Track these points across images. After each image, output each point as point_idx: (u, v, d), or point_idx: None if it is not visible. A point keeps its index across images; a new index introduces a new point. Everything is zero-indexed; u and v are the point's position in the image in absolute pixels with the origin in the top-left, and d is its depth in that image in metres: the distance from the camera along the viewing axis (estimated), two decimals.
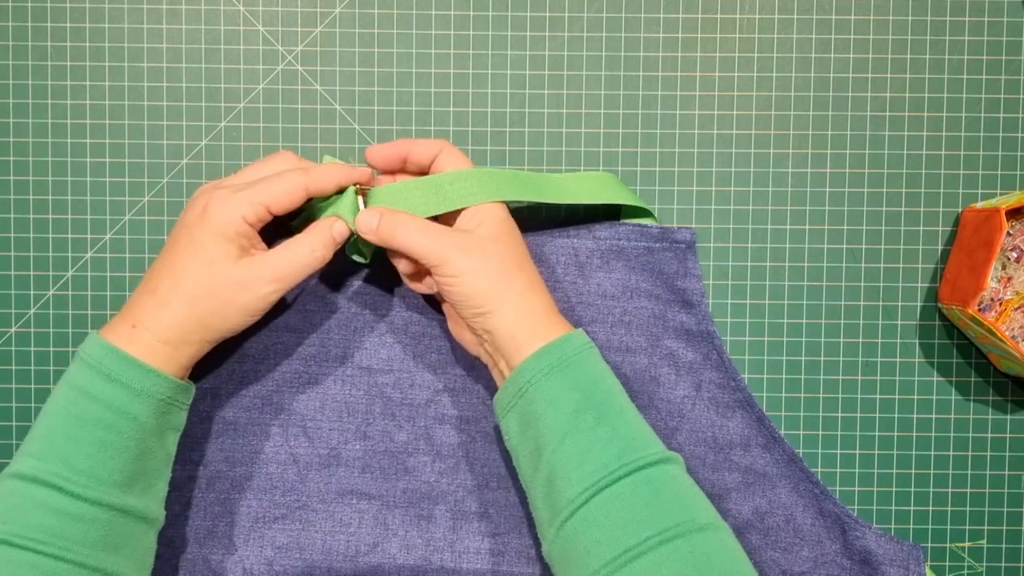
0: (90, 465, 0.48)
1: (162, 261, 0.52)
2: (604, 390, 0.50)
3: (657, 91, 0.61)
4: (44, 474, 0.47)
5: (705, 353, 0.59)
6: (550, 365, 0.50)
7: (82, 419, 0.49)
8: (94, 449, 0.48)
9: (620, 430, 0.49)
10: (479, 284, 0.51)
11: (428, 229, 0.52)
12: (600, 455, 0.48)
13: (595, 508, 0.48)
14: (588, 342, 0.52)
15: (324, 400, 0.59)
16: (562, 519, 0.49)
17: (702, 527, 0.47)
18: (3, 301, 0.61)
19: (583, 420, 0.49)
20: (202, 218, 0.51)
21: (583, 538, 0.48)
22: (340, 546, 0.59)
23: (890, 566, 0.58)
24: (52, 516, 0.47)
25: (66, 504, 0.47)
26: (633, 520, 0.47)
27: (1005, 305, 0.59)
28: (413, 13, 0.61)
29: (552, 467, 0.49)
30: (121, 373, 0.49)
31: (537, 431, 0.50)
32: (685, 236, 0.59)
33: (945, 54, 0.61)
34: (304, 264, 0.52)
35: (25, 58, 0.61)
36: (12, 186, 0.61)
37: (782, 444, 0.59)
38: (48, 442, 0.48)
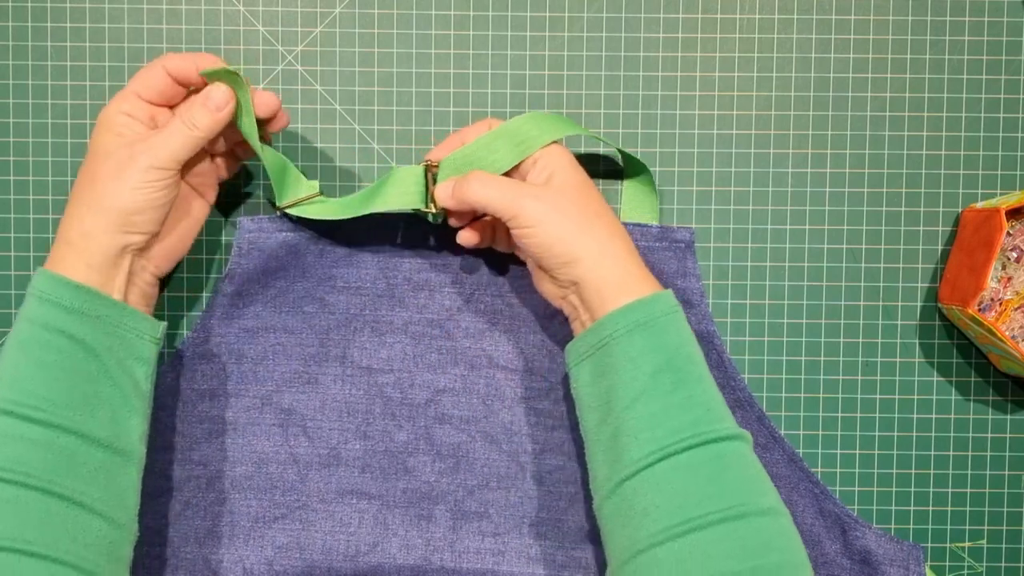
0: (36, 386, 0.47)
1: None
2: (685, 356, 0.50)
3: (657, 91, 0.61)
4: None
5: (705, 353, 0.59)
6: (636, 322, 0.49)
7: (24, 343, 0.48)
8: (38, 370, 0.48)
9: (697, 398, 0.49)
10: (557, 231, 0.51)
11: (500, 182, 0.52)
12: (673, 421, 0.48)
13: (660, 473, 0.47)
14: (676, 305, 0.51)
15: (324, 400, 0.59)
16: (623, 477, 0.48)
17: (764, 511, 0.47)
18: (3, 301, 0.61)
19: (661, 383, 0.49)
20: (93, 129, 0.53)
21: (642, 500, 0.47)
22: (340, 546, 0.59)
23: (890, 566, 0.58)
24: (8, 442, 0.46)
25: (20, 428, 0.46)
26: (697, 492, 0.47)
27: (1005, 305, 0.59)
28: (413, 13, 0.61)
29: (620, 423, 0.49)
30: (50, 292, 0.49)
31: (611, 385, 0.50)
32: (684, 236, 0.59)
33: (945, 54, 0.61)
34: (181, 136, 0.51)
35: (25, 58, 0.61)
36: (12, 186, 0.61)
37: (782, 444, 0.59)
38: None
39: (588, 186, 0.53)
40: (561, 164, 0.53)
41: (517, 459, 0.59)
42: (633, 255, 0.52)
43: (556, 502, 0.59)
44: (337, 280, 0.60)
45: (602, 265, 0.51)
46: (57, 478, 0.46)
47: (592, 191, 0.53)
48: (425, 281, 0.60)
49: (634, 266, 0.51)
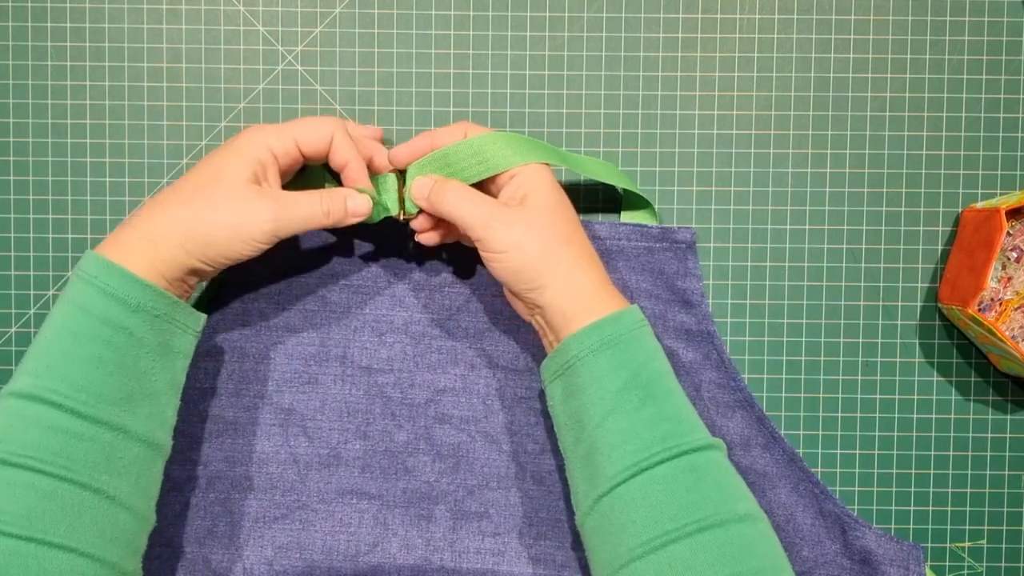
0: (88, 381, 0.47)
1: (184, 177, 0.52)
2: (652, 371, 0.50)
3: (657, 91, 0.61)
4: (42, 391, 0.46)
5: (705, 353, 0.59)
6: (600, 342, 0.50)
7: (79, 335, 0.47)
8: (92, 366, 0.47)
9: (666, 412, 0.49)
10: (523, 260, 0.51)
11: (475, 200, 0.52)
12: (643, 436, 0.48)
13: (634, 488, 0.48)
14: (641, 320, 0.51)
15: (324, 400, 0.59)
16: (599, 493, 0.49)
17: (741, 517, 0.47)
18: (3, 301, 0.61)
19: (628, 399, 0.49)
20: (229, 142, 0.51)
21: (619, 516, 0.48)
22: (340, 546, 0.59)
23: (890, 566, 0.58)
24: (51, 434, 0.46)
25: (65, 421, 0.46)
26: (672, 504, 0.47)
27: (1005, 305, 0.59)
28: (413, 13, 0.61)
29: (593, 441, 0.49)
30: (116, 287, 0.48)
31: (581, 404, 0.50)
32: (685, 236, 0.59)
33: (945, 54, 0.61)
34: (309, 215, 0.51)
35: (25, 58, 0.61)
36: (12, 186, 0.61)
37: (782, 444, 0.59)
38: (46, 359, 0.47)
39: (561, 208, 0.52)
40: (537, 185, 0.52)
41: (517, 459, 0.59)
42: (599, 276, 0.52)
43: (556, 502, 0.59)
44: (338, 279, 0.60)
45: (566, 292, 0.51)
46: (95, 472, 0.47)
47: (565, 213, 0.53)
48: (425, 281, 0.60)
49: (599, 287, 0.51)
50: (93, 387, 0.47)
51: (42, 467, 0.45)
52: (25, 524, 0.44)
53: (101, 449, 0.47)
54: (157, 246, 0.49)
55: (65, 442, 0.46)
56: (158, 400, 0.50)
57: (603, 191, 0.62)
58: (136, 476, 0.48)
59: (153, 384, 0.50)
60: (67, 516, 0.45)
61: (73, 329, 0.48)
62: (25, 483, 0.45)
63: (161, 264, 0.49)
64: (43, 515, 0.45)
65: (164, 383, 0.50)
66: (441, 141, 0.54)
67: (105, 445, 0.47)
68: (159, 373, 0.50)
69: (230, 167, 0.50)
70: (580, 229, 0.53)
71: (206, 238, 0.50)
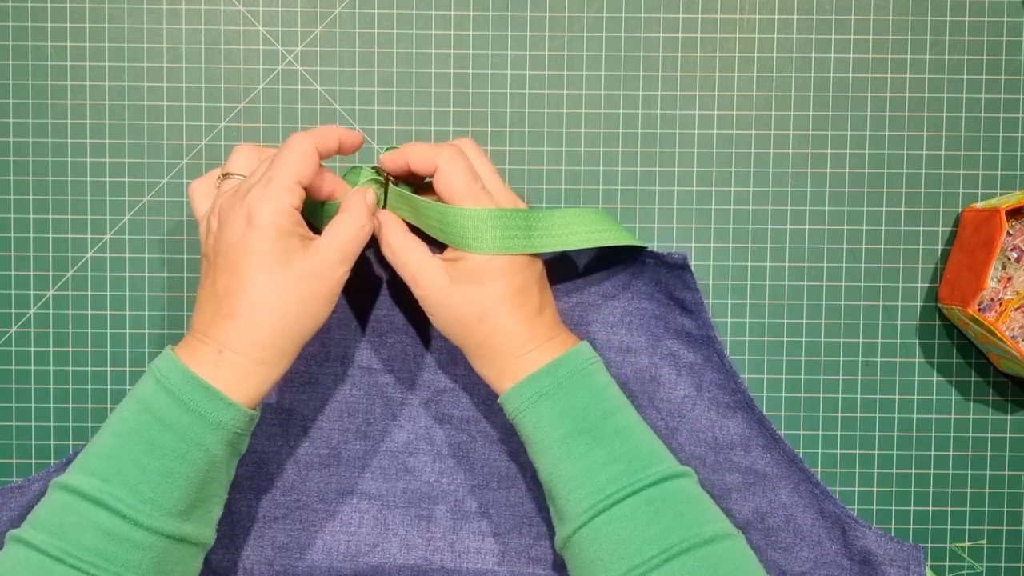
0: (156, 494, 0.46)
1: (224, 284, 0.48)
2: (598, 412, 0.50)
3: (657, 91, 0.61)
4: (108, 498, 0.46)
5: (706, 355, 0.59)
6: (537, 393, 0.50)
7: (154, 446, 0.47)
8: (162, 478, 0.46)
9: (616, 452, 0.49)
10: (438, 325, 0.52)
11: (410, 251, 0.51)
12: (596, 478, 0.49)
13: (596, 528, 0.48)
14: (584, 361, 0.51)
15: (324, 400, 0.59)
16: (566, 534, 0.49)
17: (707, 540, 0.47)
18: (3, 301, 0.61)
19: (575, 446, 0.49)
20: (251, 226, 0.47)
21: (587, 554, 0.48)
22: (340, 546, 0.59)
23: (890, 566, 0.58)
24: (109, 540, 0.45)
25: (125, 530, 0.46)
26: (636, 540, 0.47)
27: (1005, 305, 0.59)
28: (413, 13, 0.61)
29: (552, 486, 0.50)
30: (202, 405, 0.47)
31: (533, 452, 0.51)
32: (677, 260, 0.56)
33: (945, 54, 0.61)
34: (359, 238, 0.50)
35: (25, 58, 0.61)
36: (12, 186, 0.61)
37: (782, 445, 0.59)
38: (115, 464, 0.46)
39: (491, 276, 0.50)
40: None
41: (517, 459, 0.59)
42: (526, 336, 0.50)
43: None
44: None
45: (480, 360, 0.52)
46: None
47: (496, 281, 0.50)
48: None
49: (528, 346, 0.50)
50: (159, 500, 0.47)
51: (94, 571, 0.45)
52: None
53: (155, 556, 0.47)
54: (271, 366, 0.48)
55: (121, 549, 0.46)
56: (213, 503, 0.50)
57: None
58: (180, 573, 0.48)
59: (215, 490, 0.49)
60: None
61: (148, 439, 0.47)
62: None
63: (274, 375, 0.49)
64: None
65: (222, 486, 0.50)
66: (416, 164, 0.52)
67: (159, 552, 0.47)
68: (222, 479, 0.50)
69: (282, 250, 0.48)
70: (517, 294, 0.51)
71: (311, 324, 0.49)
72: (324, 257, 0.49)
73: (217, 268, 0.49)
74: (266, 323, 0.48)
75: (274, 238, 0.48)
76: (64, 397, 0.61)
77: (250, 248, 0.48)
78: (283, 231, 0.48)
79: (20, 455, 0.61)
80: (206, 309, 0.49)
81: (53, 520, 0.46)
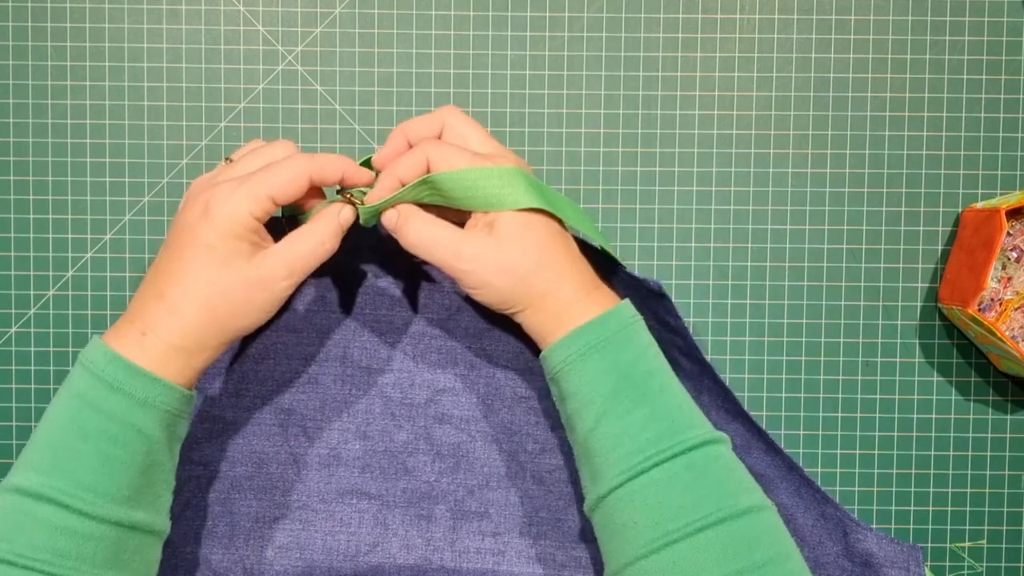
0: (96, 480, 0.46)
1: (167, 264, 0.49)
2: (643, 372, 0.49)
3: (657, 91, 0.61)
4: (48, 490, 0.45)
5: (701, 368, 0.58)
6: (586, 345, 0.49)
7: (86, 431, 0.46)
8: (99, 463, 0.46)
9: (659, 412, 0.48)
10: (495, 295, 0.51)
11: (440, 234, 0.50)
12: (637, 439, 0.48)
13: (633, 491, 0.47)
14: (631, 316, 0.50)
15: (324, 400, 0.59)
16: (599, 495, 0.49)
17: (744, 511, 0.47)
18: (3, 301, 0.61)
19: (619, 403, 0.48)
20: (206, 217, 0.48)
21: (621, 516, 0.48)
22: (340, 546, 0.59)
23: (891, 568, 0.58)
24: (58, 535, 0.45)
25: (72, 522, 0.45)
26: (672, 505, 0.47)
27: (1005, 305, 0.59)
28: (413, 13, 0.61)
29: (589, 444, 0.49)
30: (127, 384, 0.47)
31: (574, 409, 0.50)
32: (654, 287, 0.56)
33: (945, 54, 0.61)
34: (315, 255, 0.50)
35: (25, 58, 0.61)
36: (12, 186, 0.61)
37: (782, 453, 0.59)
38: (51, 455, 0.46)
39: (531, 228, 0.50)
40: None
41: (517, 459, 0.59)
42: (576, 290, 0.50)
43: (556, 502, 0.59)
44: (338, 279, 0.60)
45: (540, 313, 0.51)
46: (102, 570, 0.46)
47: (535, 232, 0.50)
48: (425, 280, 0.60)
49: (577, 301, 0.50)
50: (100, 486, 0.46)
51: (47, 568, 0.45)
52: None
53: (108, 547, 0.46)
54: (191, 354, 0.48)
55: (71, 543, 0.45)
56: (160, 489, 0.49)
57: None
58: (139, 562, 0.48)
59: (158, 474, 0.49)
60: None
61: (79, 424, 0.46)
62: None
63: (197, 364, 0.49)
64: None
65: (167, 471, 0.50)
66: (415, 129, 0.52)
67: (112, 543, 0.46)
68: (166, 463, 0.49)
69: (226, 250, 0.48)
70: (558, 241, 0.51)
71: (238, 325, 0.49)
72: (269, 267, 0.49)
73: (166, 246, 0.50)
74: (189, 312, 0.48)
75: (221, 236, 0.48)
76: None
77: (197, 237, 0.48)
78: (233, 234, 0.48)
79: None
80: (145, 286, 0.49)
81: (2, 524, 0.45)
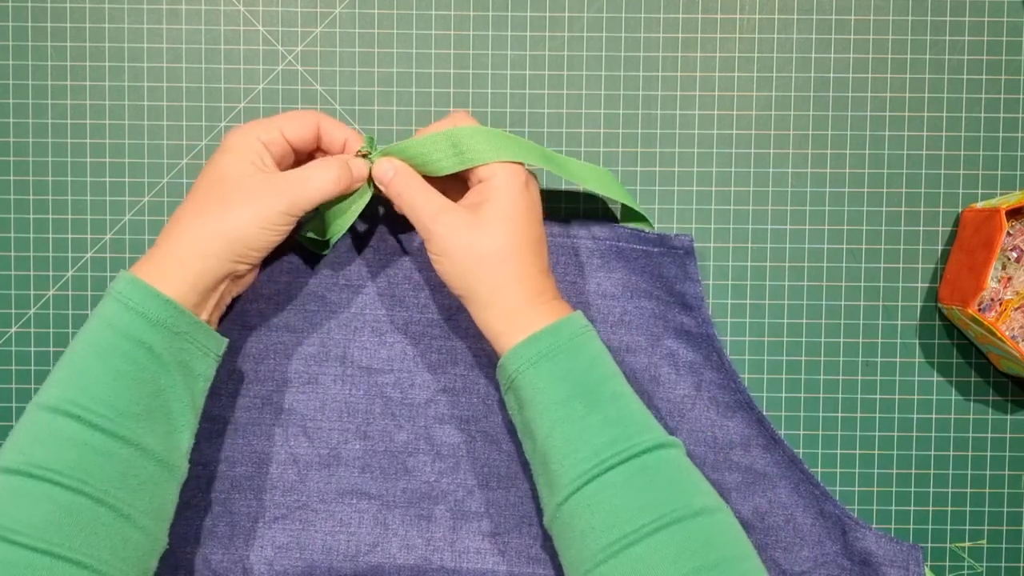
0: (108, 395, 0.47)
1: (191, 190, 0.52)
2: (595, 379, 0.50)
3: (657, 91, 0.61)
4: (64, 404, 0.47)
5: (705, 354, 0.59)
6: (538, 354, 0.50)
7: (103, 348, 0.48)
8: (111, 378, 0.47)
9: (612, 417, 0.49)
10: (449, 270, 0.52)
11: (428, 193, 0.52)
12: (591, 443, 0.49)
13: (589, 495, 0.48)
14: (583, 327, 0.51)
15: (324, 400, 0.59)
16: (557, 502, 0.49)
17: (698, 511, 0.47)
18: (3, 301, 0.61)
19: (573, 409, 0.49)
20: (221, 147, 0.52)
21: (579, 522, 0.48)
22: (340, 546, 0.59)
23: (890, 567, 0.58)
24: (70, 447, 0.46)
25: (84, 435, 0.46)
26: (628, 507, 0.47)
27: (1005, 305, 0.59)
28: (413, 13, 0.61)
29: (546, 451, 0.50)
30: (126, 294, 0.48)
31: (530, 416, 0.51)
32: (683, 242, 0.59)
33: (945, 54, 0.61)
34: (319, 184, 0.51)
35: (25, 58, 0.61)
36: (12, 186, 0.61)
37: (782, 445, 0.59)
38: (70, 371, 0.48)
39: (514, 221, 0.51)
40: (500, 192, 0.52)
41: (517, 459, 0.59)
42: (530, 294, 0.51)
43: None
44: (339, 278, 0.60)
45: (489, 310, 0.52)
46: (111, 488, 0.47)
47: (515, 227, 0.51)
48: (425, 280, 0.60)
49: (529, 305, 0.51)
50: (112, 400, 0.47)
51: (60, 479, 0.45)
52: (42, 536, 0.45)
53: (117, 465, 0.47)
54: (184, 263, 0.50)
55: (83, 455, 0.46)
56: (175, 421, 0.50)
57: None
58: (150, 496, 0.49)
59: (171, 404, 0.50)
60: (82, 531, 0.46)
61: (97, 342, 0.48)
62: (44, 495, 0.45)
63: (193, 279, 0.50)
64: (59, 528, 0.45)
65: (182, 404, 0.50)
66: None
67: (122, 461, 0.47)
68: (178, 392, 0.50)
69: (229, 165, 0.51)
70: (532, 244, 0.52)
71: (228, 236, 0.50)
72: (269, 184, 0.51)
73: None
74: (187, 221, 0.50)
75: (231, 156, 0.51)
76: None
77: (209, 163, 0.52)
78: (241, 153, 0.51)
79: None
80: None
81: (20, 436, 0.47)
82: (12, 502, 0.45)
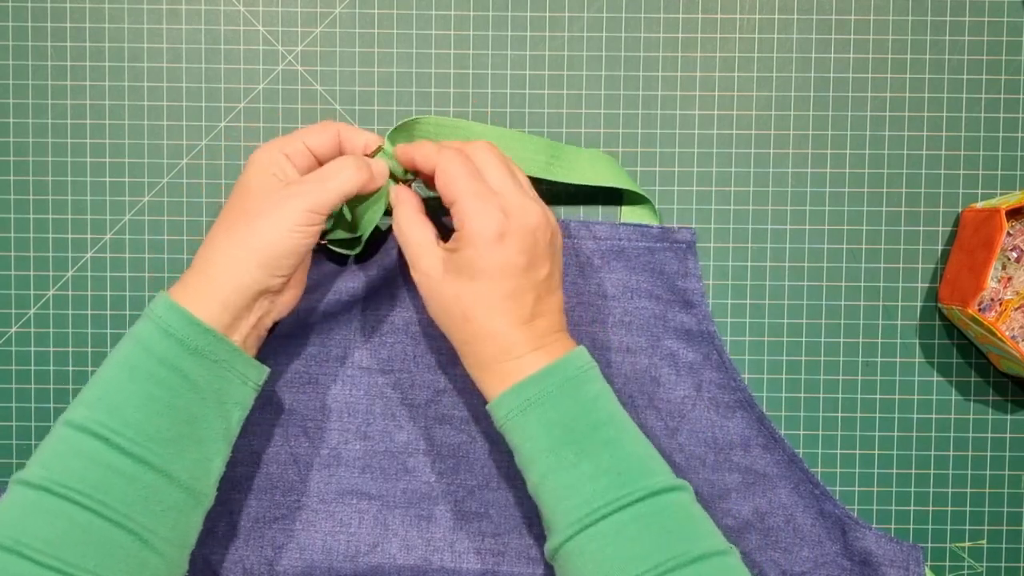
0: (138, 419, 0.47)
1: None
2: (588, 424, 0.49)
3: (657, 91, 0.61)
4: (92, 424, 0.46)
5: (705, 353, 0.59)
6: (526, 401, 0.49)
7: (136, 371, 0.47)
8: (143, 402, 0.47)
9: (604, 465, 0.48)
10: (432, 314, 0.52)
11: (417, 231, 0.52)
12: (583, 492, 0.48)
13: (583, 544, 0.47)
14: (578, 368, 0.50)
15: (324, 400, 0.59)
16: (554, 548, 0.49)
17: (696, 558, 0.46)
18: (3, 301, 0.61)
19: (564, 457, 0.48)
20: (245, 164, 0.52)
21: (573, 569, 0.48)
22: (340, 546, 0.59)
23: (890, 567, 0.58)
24: (93, 467, 0.46)
25: (109, 457, 0.46)
26: (619, 558, 0.46)
27: (1005, 305, 0.59)
28: (413, 13, 0.61)
29: (539, 496, 0.50)
30: (177, 328, 0.48)
31: (522, 463, 0.51)
32: (685, 236, 0.59)
33: (945, 54, 0.61)
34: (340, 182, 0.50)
35: (25, 58, 0.61)
36: (12, 186, 0.61)
37: (782, 444, 0.59)
38: (101, 391, 0.47)
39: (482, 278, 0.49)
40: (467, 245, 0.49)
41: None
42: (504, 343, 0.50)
43: None
44: (339, 278, 0.60)
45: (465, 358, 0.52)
46: (132, 513, 0.46)
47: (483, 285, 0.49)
48: None
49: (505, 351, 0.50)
50: (141, 425, 0.47)
51: (79, 499, 0.45)
52: (55, 553, 0.44)
53: (141, 489, 0.47)
54: (214, 281, 0.49)
55: (105, 477, 0.46)
56: (206, 448, 0.49)
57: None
58: (173, 522, 0.48)
59: (203, 431, 0.49)
60: (98, 551, 0.45)
61: (131, 365, 0.48)
62: (62, 512, 0.45)
63: (224, 297, 0.49)
64: (74, 546, 0.45)
65: (215, 433, 0.50)
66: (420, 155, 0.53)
67: (146, 486, 0.47)
68: (211, 421, 0.49)
69: (252, 179, 0.51)
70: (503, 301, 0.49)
71: (254, 245, 0.49)
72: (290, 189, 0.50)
73: None
74: (218, 239, 0.50)
75: (255, 173, 0.51)
76: (64, 397, 0.61)
77: (238, 179, 0.52)
78: (265, 169, 0.51)
79: (20, 455, 0.61)
80: None
81: (45, 451, 0.47)
82: (29, 517, 0.45)
